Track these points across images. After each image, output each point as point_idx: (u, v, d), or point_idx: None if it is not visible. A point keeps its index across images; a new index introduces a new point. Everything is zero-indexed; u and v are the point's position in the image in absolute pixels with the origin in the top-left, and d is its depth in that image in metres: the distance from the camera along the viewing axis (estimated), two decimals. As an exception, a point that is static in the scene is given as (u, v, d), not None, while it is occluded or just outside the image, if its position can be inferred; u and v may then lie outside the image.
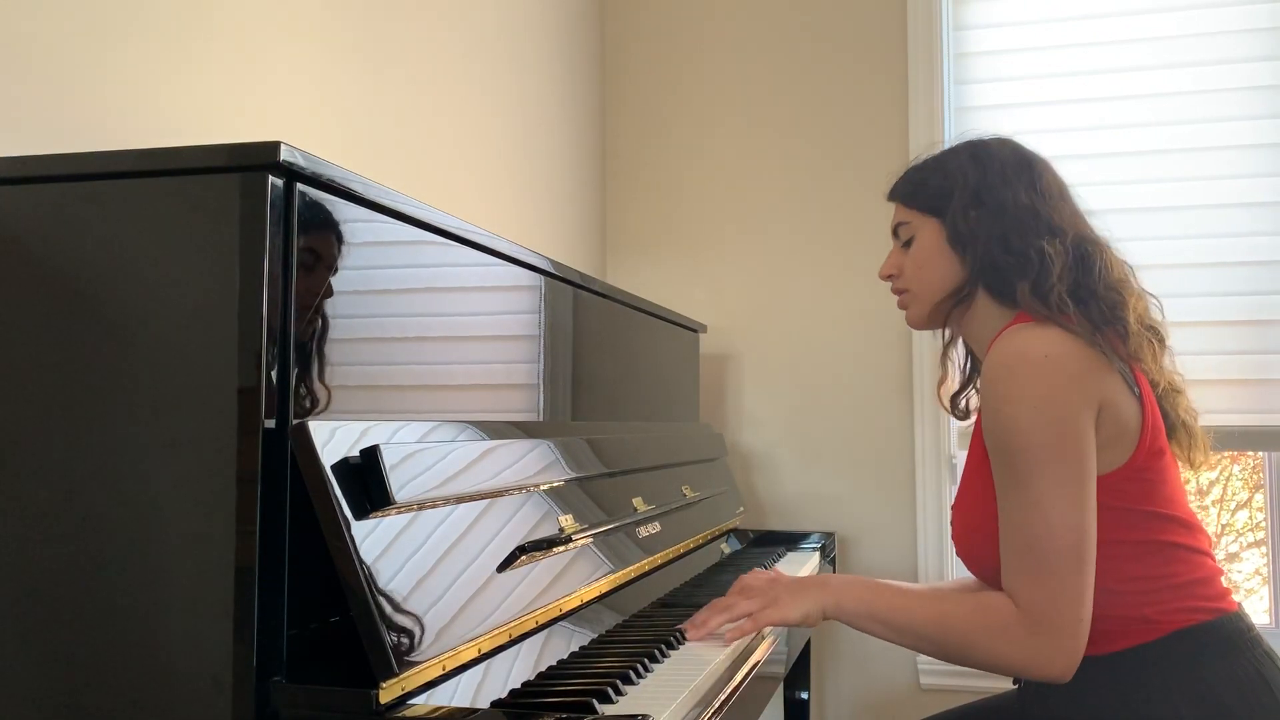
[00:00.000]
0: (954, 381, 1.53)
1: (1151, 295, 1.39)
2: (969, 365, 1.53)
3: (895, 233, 1.47)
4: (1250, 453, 2.52)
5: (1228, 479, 2.84)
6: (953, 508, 1.42)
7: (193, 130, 1.32)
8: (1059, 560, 1.20)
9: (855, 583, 1.35)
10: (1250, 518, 2.78)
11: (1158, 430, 1.30)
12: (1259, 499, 2.58)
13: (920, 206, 1.42)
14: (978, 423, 1.35)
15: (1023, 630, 1.21)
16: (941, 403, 1.56)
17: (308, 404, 0.92)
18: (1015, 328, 1.30)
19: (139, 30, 1.25)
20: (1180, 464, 1.37)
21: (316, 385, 0.93)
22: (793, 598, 1.31)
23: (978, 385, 1.49)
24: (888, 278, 1.48)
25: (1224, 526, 2.80)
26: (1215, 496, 2.85)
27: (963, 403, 1.54)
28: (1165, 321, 1.39)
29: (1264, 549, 2.47)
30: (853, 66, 2.65)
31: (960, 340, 1.50)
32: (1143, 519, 1.27)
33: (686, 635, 1.29)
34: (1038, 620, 1.20)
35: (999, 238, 1.34)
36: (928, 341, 2.53)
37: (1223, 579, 1.32)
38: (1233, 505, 2.86)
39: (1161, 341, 1.37)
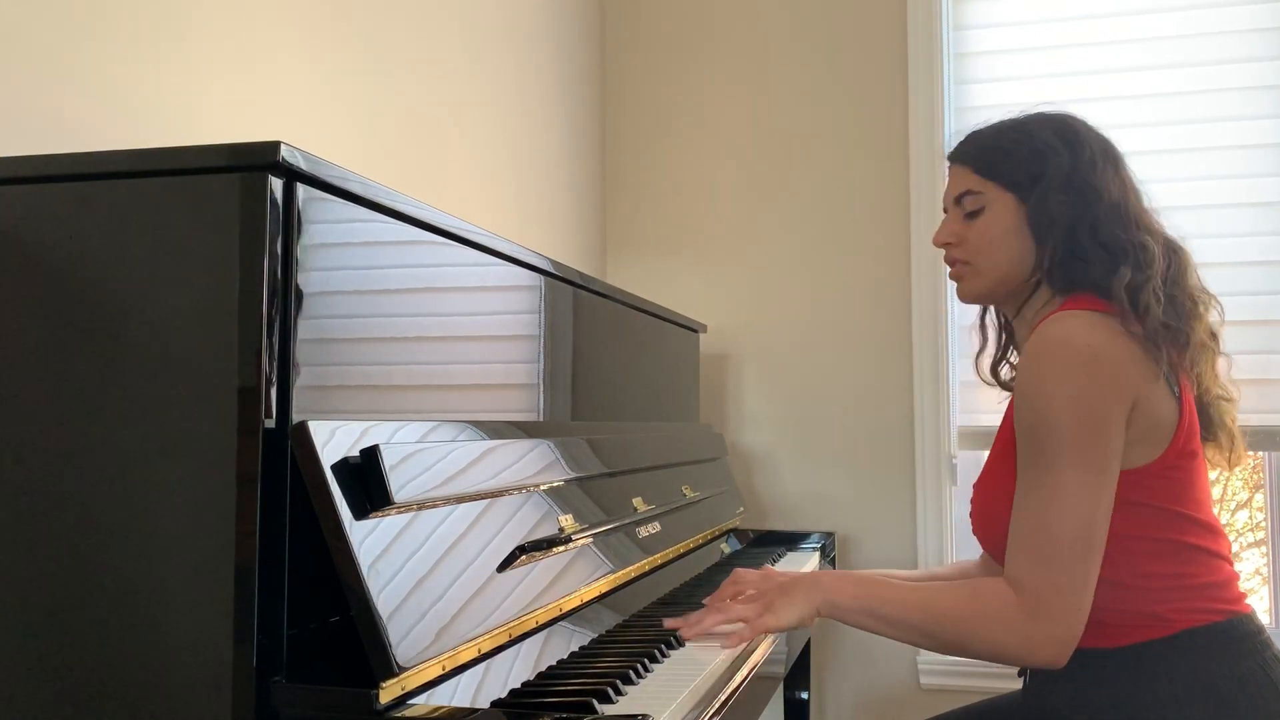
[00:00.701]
0: (989, 352, 1.50)
1: (1215, 297, 1.35)
2: (1004, 335, 1.49)
3: (959, 200, 1.38)
4: (1250, 453, 2.52)
5: (1228, 479, 2.84)
6: (975, 484, 1.40)
7: (193, 130, 1.32)
8: (1067, 548, 1.19)
9: (847, 578, 1.33)
10: (1250, 518, 2.78)
11: (1193, 432, 1.28)
12: (1259, 499, 2.58)
13: (998, 179, 1.34)
14: (1011, 401, 1.34)
15: (1020, 614, 1.20)
16: (981, 374, 1.52)
17: (307, 404, 0.92)
18: (1064, 313, 1.27)
19: (138, 29, 1.25)
20: (1218, 466, 1.36)
21: (316, 385, 0.93)
22: (786, 602, 1.28)
23: (1012, 359, 1.47)
24: (944, 245, 1.40)
25: (1224, 526, 2.79)
26: (1215, 496, 2.84)
27: (1003, 372, 1.50)
28: (1223, 322, 1.36)
29: (1264, 549, 2.47)
30: (853, 66, 2.65)
31: (994, 309, 1.48)
32: (1166, 518, 1.27)
33: (681, 634, 1.28)
34: (1036, 605, 1.20)
35: (1088, 227, 1.29)
36: (928, 341, 2.53)
37: (1238, 584, 1.31)
38: (1233, 505, 2.86)
39: (1218, 347, 1.35)
